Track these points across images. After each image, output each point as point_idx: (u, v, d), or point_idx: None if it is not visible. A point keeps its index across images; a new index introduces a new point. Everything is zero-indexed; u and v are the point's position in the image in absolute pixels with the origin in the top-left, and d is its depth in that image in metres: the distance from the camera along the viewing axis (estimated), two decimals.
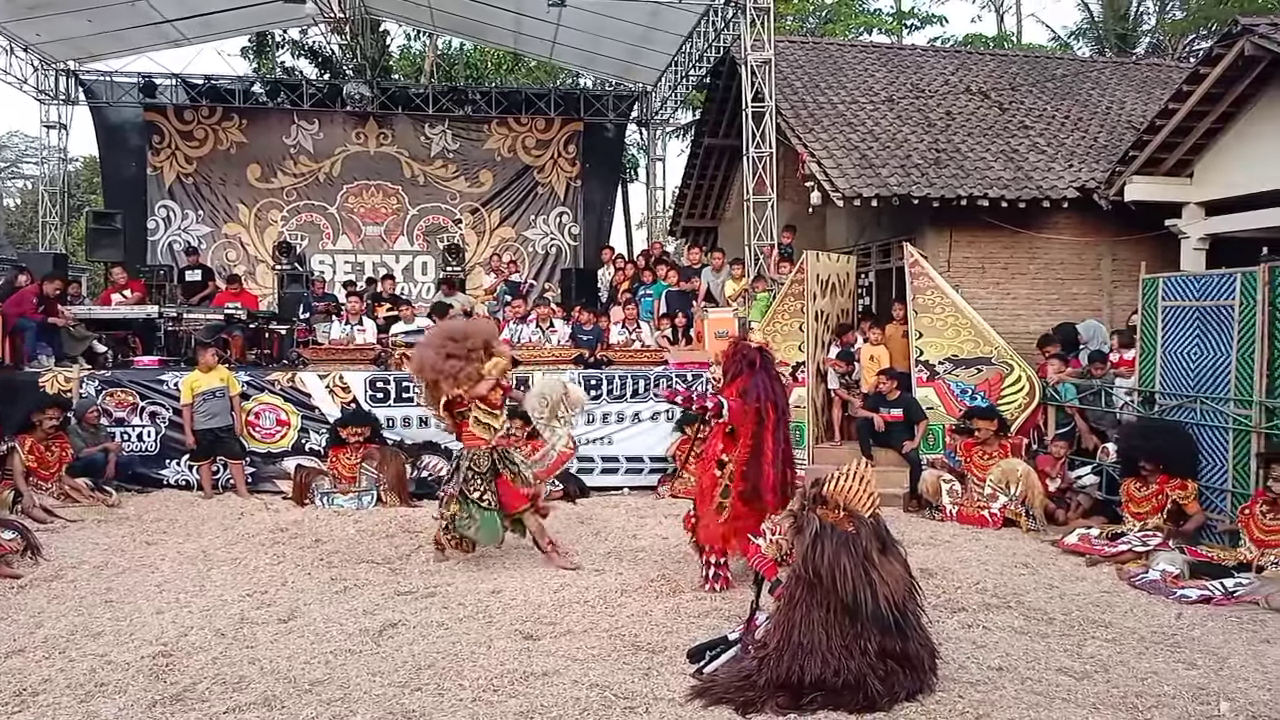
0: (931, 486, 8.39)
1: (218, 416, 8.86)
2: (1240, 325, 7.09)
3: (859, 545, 4.12)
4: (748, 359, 5.88)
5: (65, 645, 4.74)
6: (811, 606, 4.07)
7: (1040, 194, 11.21)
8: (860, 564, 4.06)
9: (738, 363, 5.91)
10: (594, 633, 4.97)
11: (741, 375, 5.83)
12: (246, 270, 16.02)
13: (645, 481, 9.49)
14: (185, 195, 16.59)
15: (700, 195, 17.32)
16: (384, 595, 5.66)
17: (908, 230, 11.60)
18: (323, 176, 17.02)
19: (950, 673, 4.39)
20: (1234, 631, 5.15)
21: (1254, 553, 6.10)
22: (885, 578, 4.06)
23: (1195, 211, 10.72)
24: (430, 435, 9.18)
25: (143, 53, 16.17)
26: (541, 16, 13.73)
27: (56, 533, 7.25)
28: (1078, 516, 7.87)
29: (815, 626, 4.03)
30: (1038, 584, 6.05)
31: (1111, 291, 11.65)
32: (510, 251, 16.84)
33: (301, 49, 23.46)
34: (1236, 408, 7.07)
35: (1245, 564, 6.07)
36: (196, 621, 5.09)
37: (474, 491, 6.24)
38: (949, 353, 9.57)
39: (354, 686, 4.22)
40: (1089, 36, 28.25)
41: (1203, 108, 10.10)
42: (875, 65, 14.78)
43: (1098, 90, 14.54)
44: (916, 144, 12.18)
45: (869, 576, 4.04)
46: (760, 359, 5.89)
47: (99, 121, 16.52)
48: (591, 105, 17.60)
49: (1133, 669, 4.51)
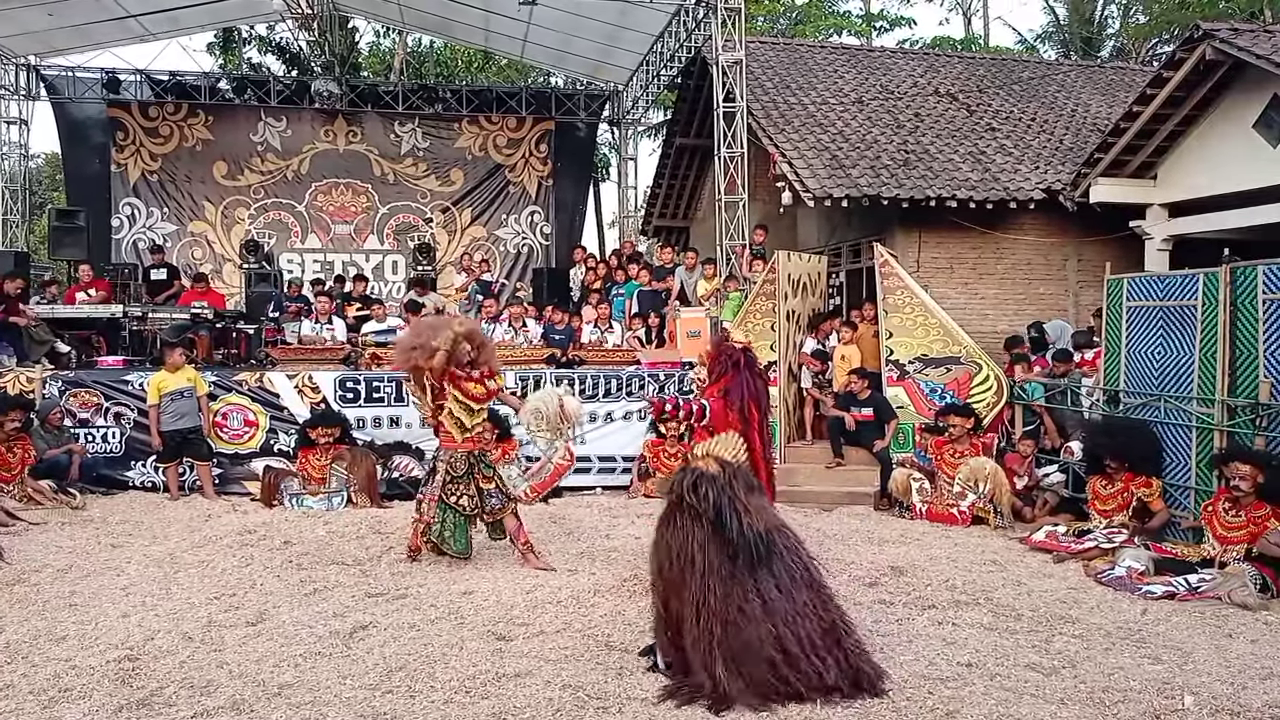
0: (902, 485, 8.46)
1: (185, 417, 8.74)
2: (1203, 325, 7.22)
3: (722, 479, 4.46)
4: (732, 359, 5.92)
5: (28, 650, 4.65)
6: (691, 545, 4.29)
7: (1007, 195, 11.34)
8: (724, 490, 4.38)
9: (722, 363, 5.94)
10: (567, 633, 4.95)
11: (725, 375, 5.87)
12: (213, 269, 15.81)
13: (618, 481, 9.50)
14: (150, 193, 16.35)
15: (672, 195, 17.34)
16: (354, 597, 5.61)
17: (878, 230, 11.69)
18: (291, 174, 16.84)
19: (920, 669, 4.43)
20: (1198, 626, 5.24)
21: (1217, 549, 6.21)
22: (749, 507, 4.36)
23: (1159, 213, 10.90)
24: (401, 435, 9.12)
25: (106, 48, 15.95)
26: (512, 15, 13.69)
27: (19, 536, 7.10)
28: (1045, 514, 7.99)
29: (699, 573, 4.20)
30: (1006, 581, 6.12)
31: (1077, 292, 11.81)
32: (481, 251, 16.76)
33: (269, 45, 23.22)
34: (1200, 406, 7.20)
35: (1208, 560, 6.17)
36: (163, 625, 5.02)
37: (450, 496, 6.21)
38: (919, 352, 9.66)
39: (324, 689, 4.18)
40: (1055, 40, 28.64)
41: (1166, 111, 10.27)
42: (845, 67, 14.88)
43: (1063, 93, 14.73)
44: (886, 145, 12.28)
45: (732, 501, 4.34)
46: (744, 359, 5.93)
47: (61, 117, 16.25)
48: (563, 104, 17.57)
49: (1099, 664, 4.58)
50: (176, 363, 8.87)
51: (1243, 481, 6.15)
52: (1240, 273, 6.94)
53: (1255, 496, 6.12)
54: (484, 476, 6.31)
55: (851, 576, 6.13)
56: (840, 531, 7.60)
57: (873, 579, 6.08)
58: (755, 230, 12.34)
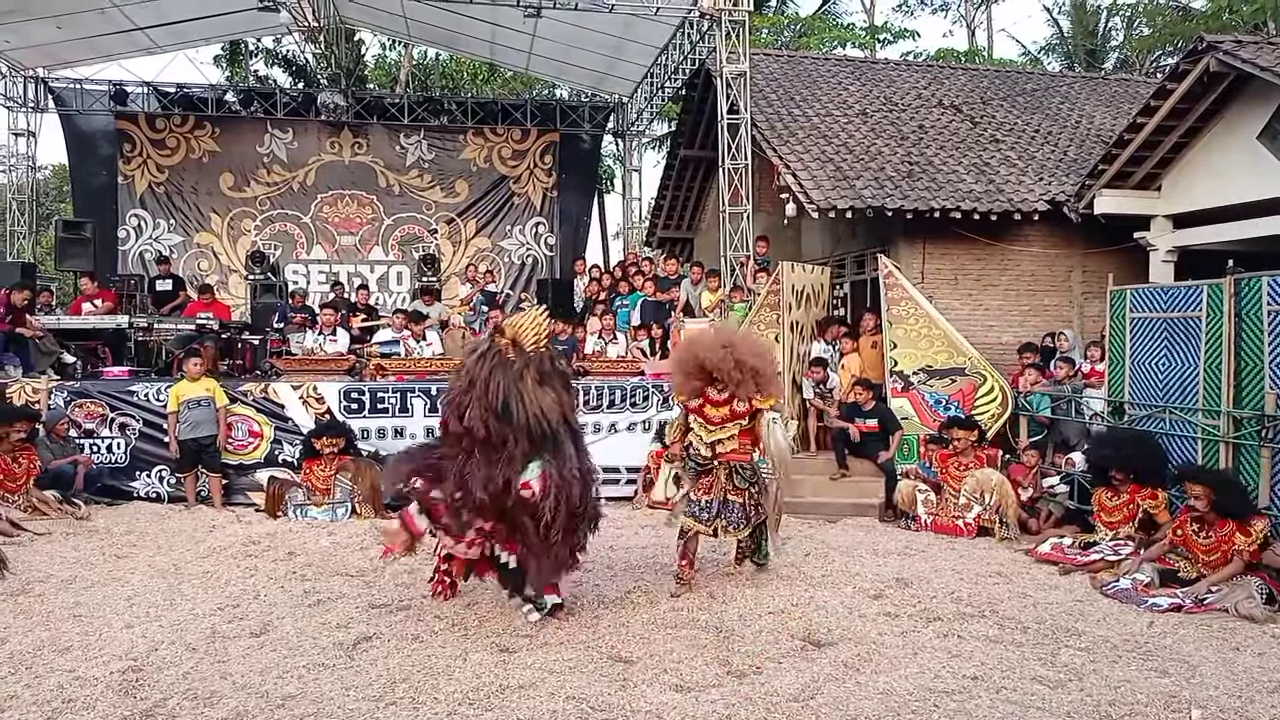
0: (906, 496, 8.44)
1: (202, 426, 8.76)
2: (1208, 336, 7.21)
3: (513, 368, 5.14)
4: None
5: (32, 661, 4.65)
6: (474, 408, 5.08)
7: (1011, 207, 11.33)
8: (512, 382, 5.07)
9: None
10: (570, 645, 4.95)
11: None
12: (219, 280, 15.90)
13: (622, 492, 9.47)
14: (157, 204, 16.41)
15: (676, 206, 17.35)
16: (358, 608, 5.61)
17: (882, 242, 11.69)
18: (297, 186, 16.90)
19: (925, 682, 4.42)
20: (1205, 639, 5.22)
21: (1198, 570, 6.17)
22: (535, 398, 5.07)
23: (1163, 224, 10.88)
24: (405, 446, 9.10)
25: (114, 60, 16.06)
26: (517, 28, 13.74)
27: (24, 546, 7.11)
28: (1050, 526, 7.96)
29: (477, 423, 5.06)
30: (1012, 593, 6.10)
31: (1082, 303, 11.78)
32: (486, 262, 16.83)
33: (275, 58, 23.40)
34: (1205, 418, 7.18)
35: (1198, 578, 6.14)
36: (167, 636, 5.02)
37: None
38: (923, 363, 9.66)
39: (327, 701, 4.18)
40: (1059, 52, 28.72)
41: (1170, 122, 10.26)
42: (849, 79, 14.90)
43: (1067, 105, 14.74)
44: (890, 157, 12.28)
45: (519, 390, 5.06)
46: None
47: (69, 129, 16.33)
48: (568, 116, 17.63)
49: (1106, 677, 4.55)
50: (195, 372, 8.91)
51: (1198, 501, 6.19)
52: (1245, 284, 6.94)
53: (1215, 514, 6.14)
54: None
55: (856, 588, 6.12)
56: (845, 543, 7.58)
57: (878, 591, 6.07)
58: (759, 241, 12.35)
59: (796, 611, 5.58)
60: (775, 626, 5.30)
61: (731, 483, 6.08)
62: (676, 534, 6.18)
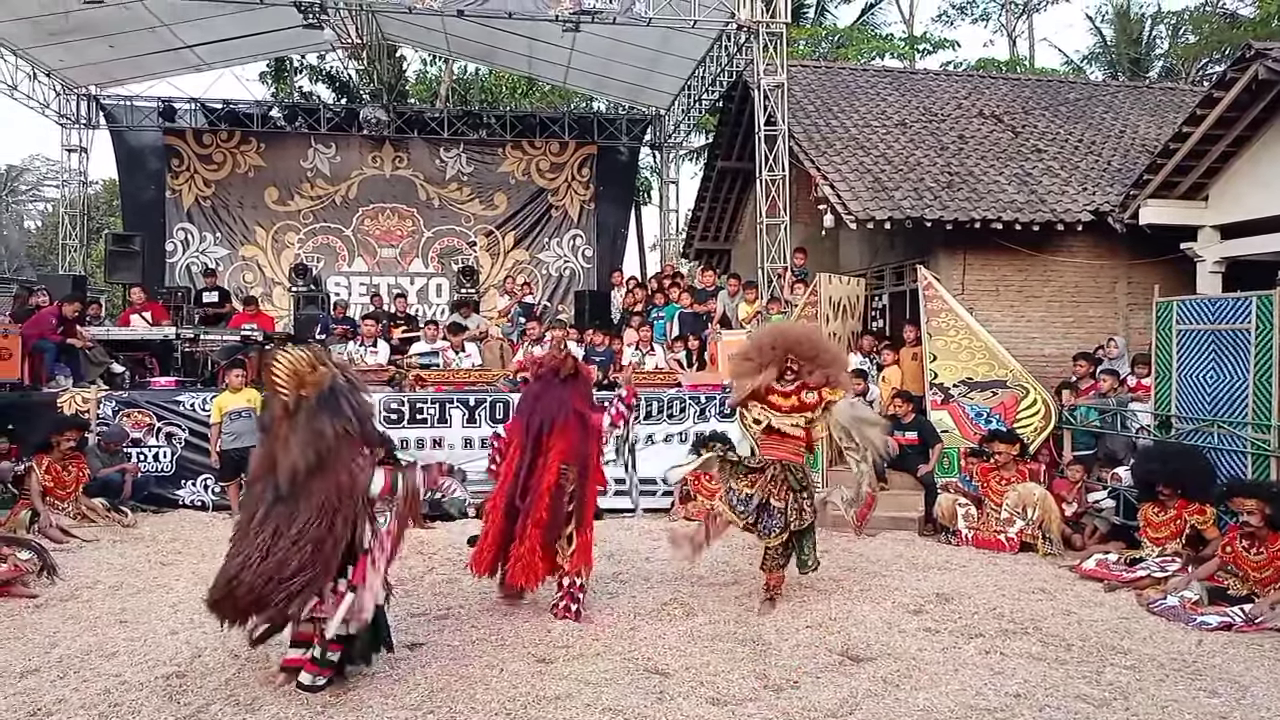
0: (947, 510, 8.33)
1: (242, 437, 8.86)
2: (1257, 349, 7.05)
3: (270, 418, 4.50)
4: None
5: (80, 665, 4.75)
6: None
7: (1054, 217, 11.19)
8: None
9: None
10: (607, 656, 4.95)
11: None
12: (263, 292, 16.18)
13: (658, 504, 9.46)
14: (203, 218, 16.75)
15: (713, 218, 17.36)
16: (397, 617, 5.63)
17: (921, 253, 11.60)
18: (339, 199, 17.17)
19: (967, 699, 4.35)
20: (1256, 659, 5.09)
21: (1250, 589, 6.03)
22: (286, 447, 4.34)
23: (1210, 235, 10.68)
24: (443, 456, 9.17)
25: (162, 78, 16.45)
26: (555, 42, 13.87)
27: (72, 553, 7.28)
28: (1095, 541, 7.81)
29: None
30: (1055, 610, 5.99)
31: (1127, 315, 11.59)
32: (524, 274, 16.95)
33: (319, 74, 23.78)
34: (1254, 432, 7.02)
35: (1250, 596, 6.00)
36: (211, 642, 5.09)
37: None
38: (963, 375, 9.54)
39: (366, 709, 4.21)
40: (1102, 61, 28.32)
41: (1216, 131, 10.08)
42: (888, 89, 14.83)
43: (1111, 114, 14.54)
44: (929, 167, 12.20)
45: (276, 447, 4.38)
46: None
47: (119, 145, 16.73)
48: (605, 129, 17.74)
49: (1153, 697, 4.46)
50: (237, 383, 9.05)
51: (1250, 516, 6.04)
52: None
53: (1268, 529, 5.98)
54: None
55: (896, 603, 6.05)
56: (884, 557, 7.50)
57: (918, 606, 5.99)
58: (796, 253, 12.31)
59: (835, 625, 5.53)
60: (813, 640, 5.26)
61: (781, 484, 5.90)
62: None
